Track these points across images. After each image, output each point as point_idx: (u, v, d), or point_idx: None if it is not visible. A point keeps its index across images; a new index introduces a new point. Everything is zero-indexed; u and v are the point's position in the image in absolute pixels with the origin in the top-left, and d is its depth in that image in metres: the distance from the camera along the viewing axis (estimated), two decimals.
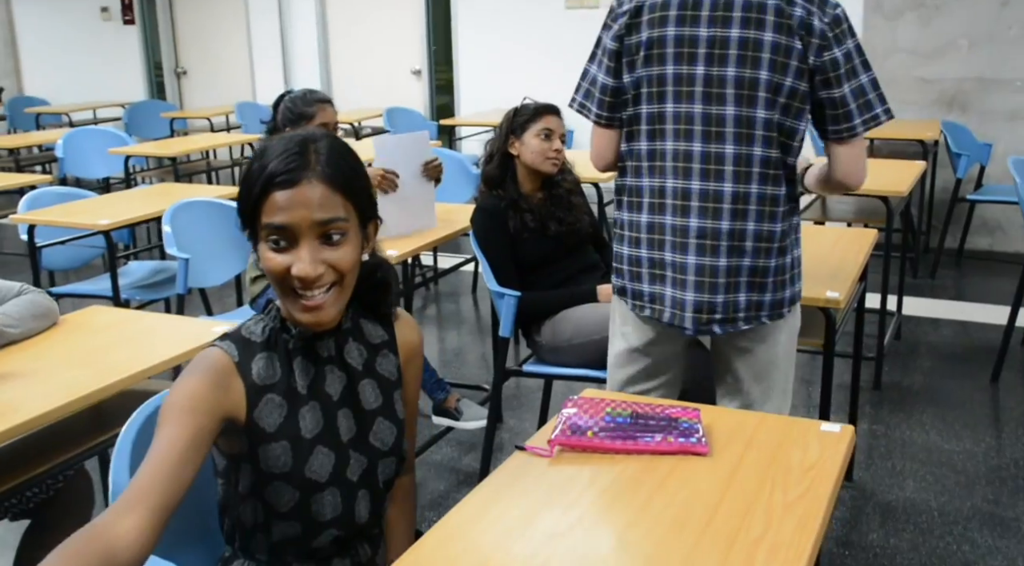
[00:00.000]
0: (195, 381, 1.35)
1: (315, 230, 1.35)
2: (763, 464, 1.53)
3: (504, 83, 7.39)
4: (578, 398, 1.69)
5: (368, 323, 1.55)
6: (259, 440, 1.40)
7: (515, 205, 3.03)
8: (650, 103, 2.11)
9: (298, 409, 1.43)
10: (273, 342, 1.44)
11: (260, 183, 1.35)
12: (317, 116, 3.30)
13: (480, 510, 1.44)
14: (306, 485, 1.42)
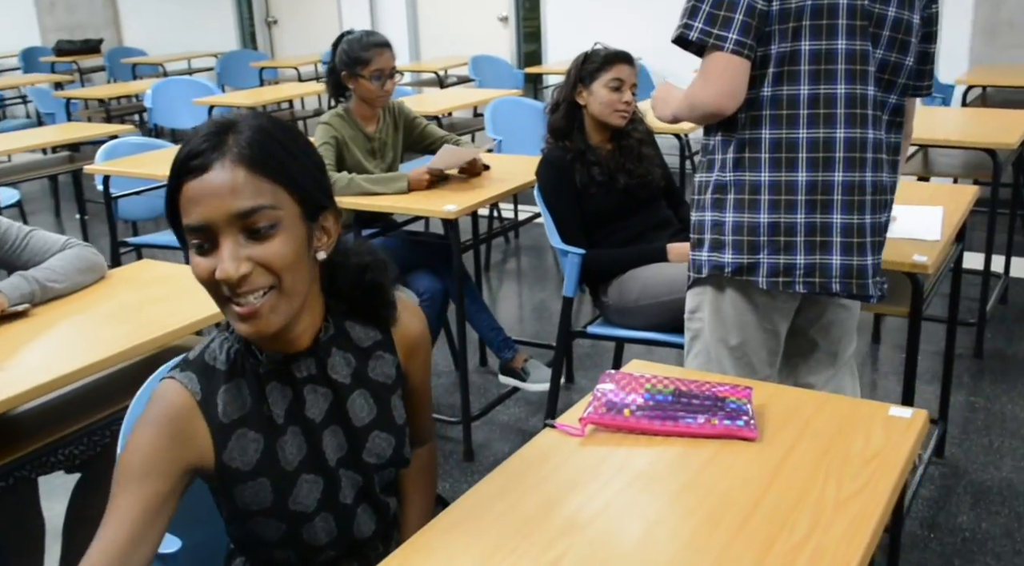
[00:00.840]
0: (148, 436, 1.19)
1: (235, 223, 1.13)
2: (818, 452, 1.37)
3: (593, 30, 7.12)
4: (616, 373, 1.55)
5: (356, 325, 1.37)
6: (233, 482, 1.26)
7: (582, 157, 2.87)
8: (815, 39, 1.85)
9: (276, 440, 1.27)
10: (239, 368, 1.27)
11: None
12: (373, 61, 3.18)
13: (499, 492, 1.32)
14: (292, 517, 1.29)
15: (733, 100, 1.88)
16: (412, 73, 7.52)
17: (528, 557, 1.16)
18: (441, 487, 2.92)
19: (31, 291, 2.09)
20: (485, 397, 3.50)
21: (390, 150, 3.39)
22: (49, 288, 2.12)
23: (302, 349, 1.29)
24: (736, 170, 1.96)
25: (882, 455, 1.35)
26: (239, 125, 1.17)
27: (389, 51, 3.25)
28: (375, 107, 3.30)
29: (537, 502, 1.28)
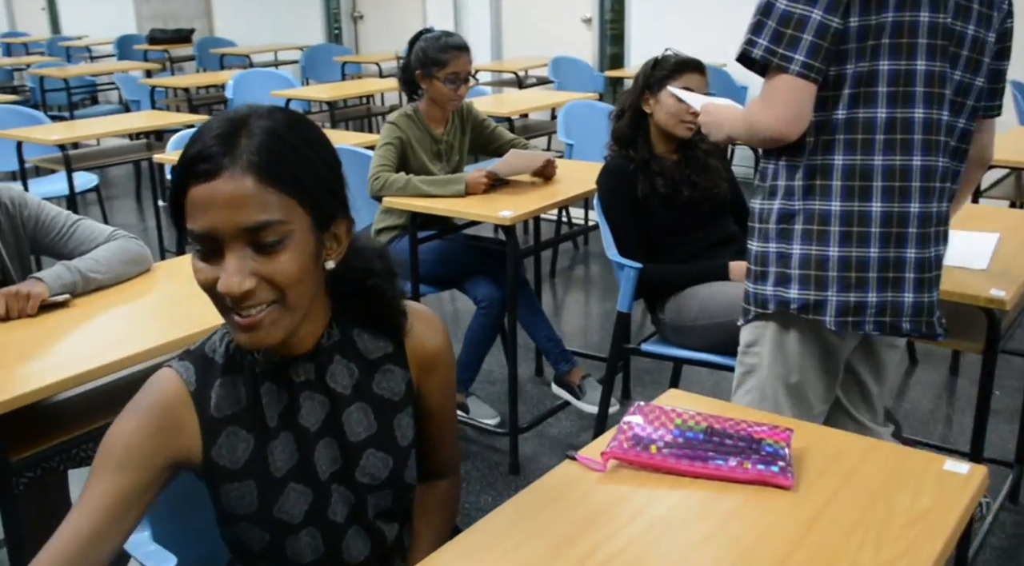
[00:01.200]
0: (134, 424, 1.15)
1: (242, 236, 1.08)
2: (859, 507, 1.25)
3: (679, 34, 6.98)
4: (646, 405, 1.45)
5: (365, 335, 1.30)
6: (219, 480, 1.21)
7: (645, 167, 2.76)
8: (894, 58, 1.71)
9: (267, 443, 1.23)
10: (237, 364, 1.22)
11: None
12: (450, 64, 3.12)
13: (510, 527, 1.24)
14: (277, 526, 1.23)
15: (796, 126, 1.75)
16: (492, 73, 7.48)
17: None
18: (483, 500, 2.86)
19: (73, 282, 2.08)
20: (538, 408, 3.42)
21: (456, 153, 3.33)
22: (91, 279, 2.11)
23: (302, 353, 1.24)
24: (806, 198, 1.81)
25: (930, 516, 1.23)
26: (251, 125, 1.10)
27: (467, 55, 3.18)
28: (446, 110, 3.25)
29: (546, 542, 1.20)
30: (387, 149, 3.12)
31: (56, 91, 7.56)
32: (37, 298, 2.00)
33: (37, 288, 2.01)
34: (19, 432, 1.81)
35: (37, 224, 2.14)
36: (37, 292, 2.00)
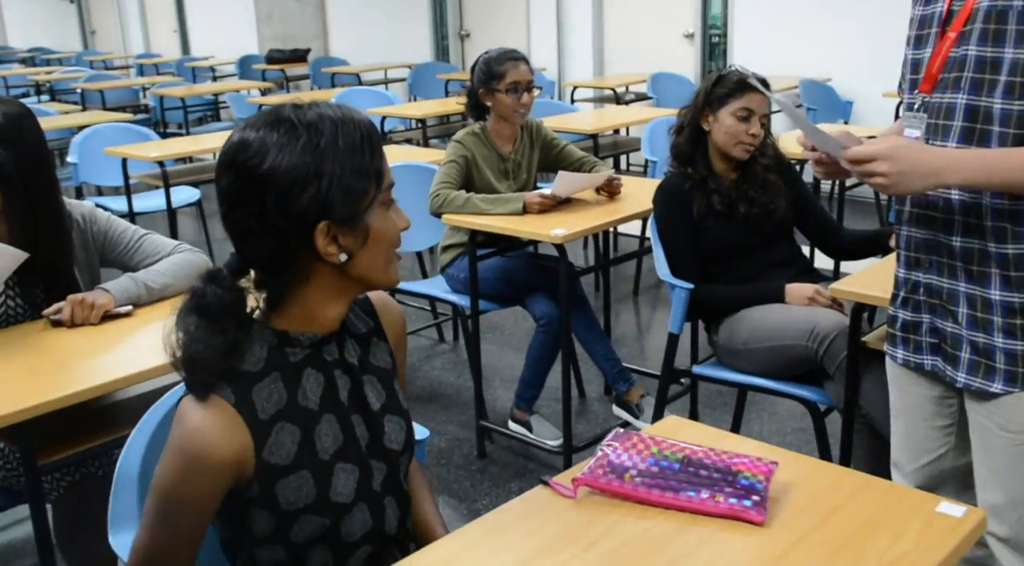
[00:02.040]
0: (184, 474, 1.20)
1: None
2: (832, 546, 1.19)
3: (782, 49, 6.82)
4: (624, 431, 1.41)
5: (352, 315, 1.39)
6: (275, 477, 1.25)
7: (703, 185, 2.71)
8: None
9: (312, 429, 1.29)
10: (274, 362, 1.27)
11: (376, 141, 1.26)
12: (508, 74, 3.15)
13: (469, 547, 1.24)
14: (334, 510, 1.29)
15: None
16: (594, 89, 7.48)
17: None
18: None
19: (137, 294, 2.18)
20: (603, 427, 3.38)
21: (524, 172, 3.34)
22: (155, 290, 2.21)
23: (330, 332, 1.32)
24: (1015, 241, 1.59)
25: (907, 559, 1.16)
26: None
27: (524, 65, 3.20)
28: (513, 122, 3.25)
29: (513, 561, 1.19)
30: (450, 167, 3.15)
31: (175, 110, 7.95)
32: (101, 308, 2.10)
33: (102, 299, 2.12)
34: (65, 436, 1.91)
35: (106, 239, 2.25)
36: (101, 303, 2.11)
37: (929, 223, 1.68)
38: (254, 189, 1.20)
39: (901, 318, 1.78)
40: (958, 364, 1.68)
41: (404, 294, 3.85)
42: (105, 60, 11.88)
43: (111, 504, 1.42)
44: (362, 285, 1.30)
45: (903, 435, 1.89)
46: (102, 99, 7.93)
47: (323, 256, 1.22)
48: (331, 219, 1.21)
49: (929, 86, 1.65)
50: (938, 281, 1.68)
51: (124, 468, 1.43)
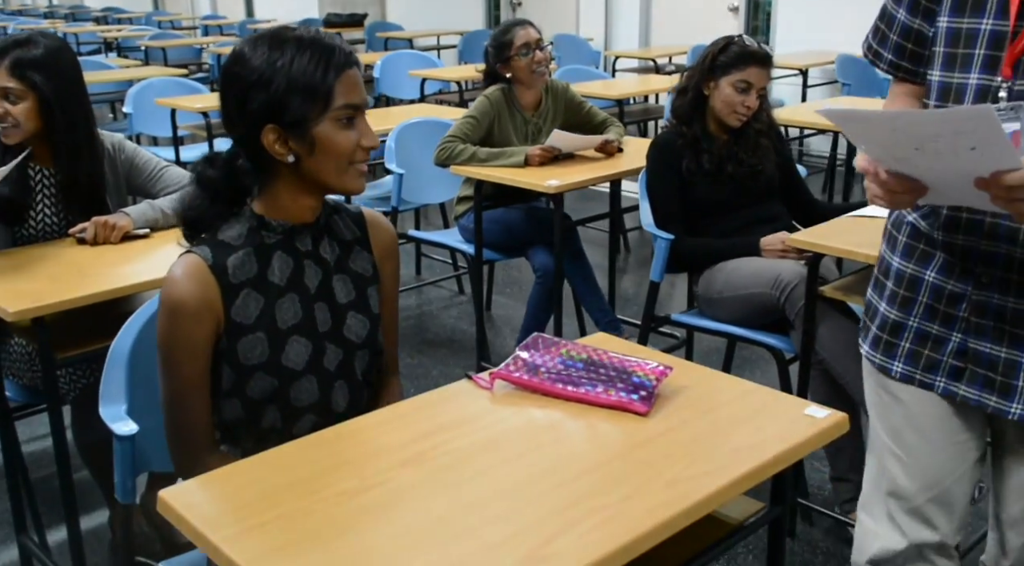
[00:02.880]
0: (175, 322, 1.45)
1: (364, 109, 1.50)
2: (698, 434, 1.37)
3: (825, 25, 6.84)
4: (540, 336, 1.60)
5: (340, 221, 1.62)
6: (237, 334, 1.49)
7: (695, 144, 2.85)
8: None
9: (275, 301, 1.52)
10: (251, 240, 1.52)
11: (334, 63, 1.44)
12: (516, 38, 3.34)
13: (385, 420, 1.46)
14: (283, 373, 1.52)
15: None
16: (638, 59, 7.59)
17: (364, 477, 1.27)
18: None
19: (155, 218, 2.43)
20: None
21: (544, 135, 3.47)
22: (170, 216, 2.45)
23: (304, 223, 1.55)
24: None
25: (760, 445, 1.33)
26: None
27: (530, 27, 3.37)
28: (534, 84, 3.41)
29: (407, 435, 1.38)
30: (467, 122, 3.33)
31: None
32: (121, 229, 2.35)
33: (122, 221, 2.37)
34: (84, 340, 2.16)
35: (132, 166, 2.51)
36: (121, 224, 2.36)
37: (999, 235, 1.42)
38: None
39: (916, 328, 1.53)
40: (1013, 394, 1.46)
41: (424, 243, 4.07)
42: (173, 20, 12.27)
43: (102, 381, 1.66)
44: (320, 187, 1.51)
45: (909, 459, 1.61)
46: (164, 56, 8.26)
47: (273, 155, 1.45)
48: (278, 123, 1.43)
49: (1011, 69, 1.35)
50: (1000, 299, 1.44)
51: (117, 350, 1.67)
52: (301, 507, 1.19)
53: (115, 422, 1.61)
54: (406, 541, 1.12)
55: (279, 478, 1.27)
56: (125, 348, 1.67)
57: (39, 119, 2.27)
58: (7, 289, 2.02)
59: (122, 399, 1.65)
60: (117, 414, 1.63)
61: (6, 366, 2.35)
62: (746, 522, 1.47)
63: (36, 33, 2.33)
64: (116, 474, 1.63)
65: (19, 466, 2.46)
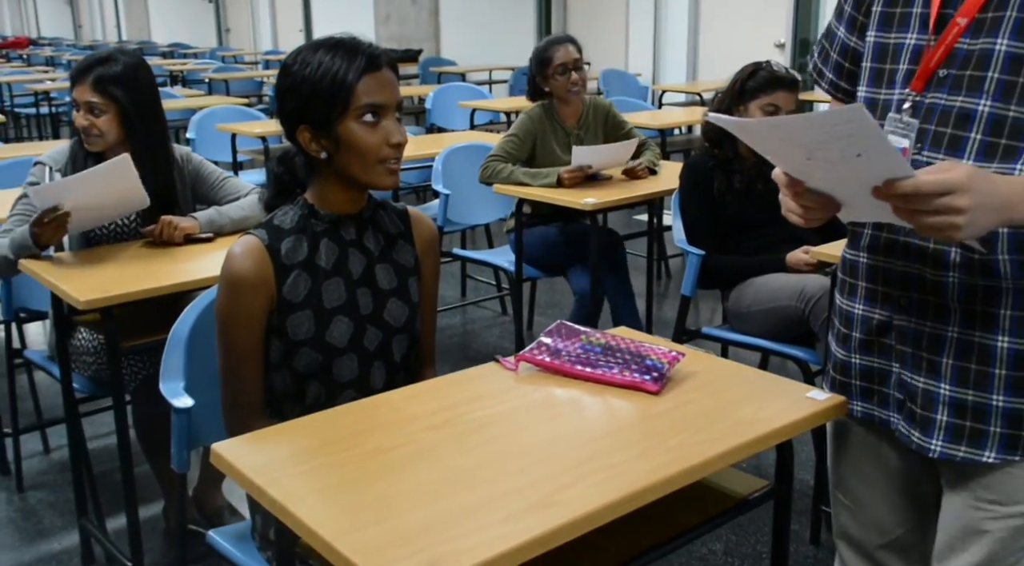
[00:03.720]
0: (235, 294, 1.61)
1: (395, 109, 1.63)
2: (705, 410, 1.48)
3: None
4: (559, 323, 1.73)
5: (386, 216, 1.78)
6: (287, 311, 1.65)
7: (726, 165, 2.97)
8: None
9: (321, 282, 1.67)
10: (302, 226, 1.68)
11: (356, 66, 1.56)
12: (555, 57, 3.49)
13: (418, 394, 1.59)
14: (327, 349, 1.67)
15: None
16: (685, 94, 7.74)
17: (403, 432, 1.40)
18: None
19: (220, 224, 2.61)
20: None
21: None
22: (234, 221, 2.64)
23: (350, 214, 1.70)
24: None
25: (760, 421, 1.43)
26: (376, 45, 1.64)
27: (571, 45, 3.52)
28: (569, 102, 3.57)
29: (439, 404, 1.52)
30: (509, 141, 3.49)
31: None
32: (183, 230, 2.54)
33: (187, 223, 2.56)
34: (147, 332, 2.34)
35: (198, 175, 2.71)
36: (185, 226, 2.55)
37: (912, 253, 1.37)
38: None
39: (859, 364, 1.48)
40: (931, 429, 1.38)
41: (468, 262, 4.22)
42: (236, 55, 12.74)
43: (163, 359, 1.82)
44: (355, 182, 1.65)
45: (856, 508, 1.59)
46: (226, 88, 8.60)
47: (309, 152, 1.61)
48: (309, 123, 1.60)
49: (923, 83, 1.33)
50: (917, 323, 1.38)
51: (177, 332, 1.83)
52: (337, 460, 1.33)
53: (174, 397, 1.76)
54: (429, 488, 1.24)
55: (317, 437, 1.41)
56: (184, 331, 1.83)
57: (120, 129, 2.49)
58: (80, 283, 2.20)
59: (180, 377, 1.81)
60: (176, 390, 1.79)
61: (73, 358, 2.53)
62: (750, 496, 1.57)
63: (116, 50, 2.56)
64: (173, 445, 1.78)
65: (83, 457, 2.63)
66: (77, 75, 2.48)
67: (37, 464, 3.15)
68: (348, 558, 1.09)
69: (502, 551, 1.10)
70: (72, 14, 20.54)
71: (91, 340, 2.51)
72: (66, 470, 3.05)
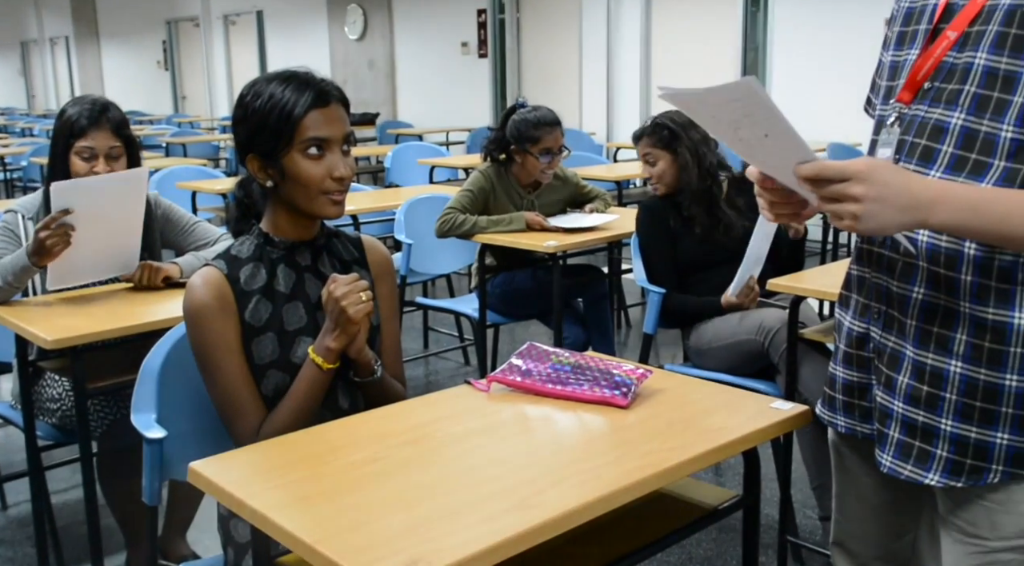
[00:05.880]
0: (204, 323, 1.63)
1: (342, 141, 1.65)
2: (673, 422, 1.52)
3: (814, 114, 7.16)
4: (530, 345, 1.77)
5: (339, 243, 1.81)
6: (251, 335, 1.67)
7: (675, 204, 3.06)
8: None
9: (281, 306, 1.70)
10: (258, 255, 1.71)
11: (296, 104, 1.59)
12: (543, 140, 3.47)
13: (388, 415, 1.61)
14: (293, 369, 1.68)
15: None
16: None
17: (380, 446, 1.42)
18: None
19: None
20: None
21: (541, 209, 3.59)
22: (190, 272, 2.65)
23: (305, 240, 1.73)
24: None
25: (726, 430, 1.48)
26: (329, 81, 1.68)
27: (559, 129, 3.52)
28: (538, 180, 3.55)
29: (413, 422, 1.54)
30: (465, 195, 3.53)
31: None
32: (163, 273, 2.55)
33: (169, 268, 2.58)
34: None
35: (167, 220, 2.73)
36: (166, 270, 2.56)
37: (884, 264, 1.37)
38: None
39: (841, 378, 1.46)
40: (885, 443, 1.38)
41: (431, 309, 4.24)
42: (193, 122, 12.78)
43: (135, 391, 1.82)
44: (302, 211, 1.68)
45: (848, 520, 1.58)
46: (184, 152, 8.63)
47: (258, 179, 1.67)
48: (257, 153, 1.64)
49: (910, 95, 1.33)
50: (882, 337, 1.38)
51: (149, 364, 1.83)
52: (314, 474, 1.35)
53: (146, 428, 1.76)
54: (407, 495, 1.27)
55: (293, 453, 1.43)
56: (156, 364, 1.83)
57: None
58: (49, 324, 2.21)
59: (152, 408, 1.81)
60: (148, 421, 1.78)
61: (36, 406, 2.51)
62: (720, 506, 1.61)
63: (98, 97, 2.59)
64: (144, 477, 1.77)
65: (46, 507, 2.59)
66: (90, 124, 2.48)
67: None
68: (332, 560, 1.11)
69: (483, 548, 1.12)
70: (25, 85, 20.52)
71: (55, 386, 2.49)
72: (24, 526, 2.99)
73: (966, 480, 1.31)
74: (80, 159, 2.49)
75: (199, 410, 1.71)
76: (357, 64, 11.61)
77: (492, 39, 10.02)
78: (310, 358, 1.65)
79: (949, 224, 1.20)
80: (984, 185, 1.24)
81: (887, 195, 1.15)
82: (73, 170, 2.49)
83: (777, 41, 7.46)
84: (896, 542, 1.54)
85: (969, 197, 1.20)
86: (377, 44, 11.29)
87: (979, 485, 1.31)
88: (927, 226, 1.22)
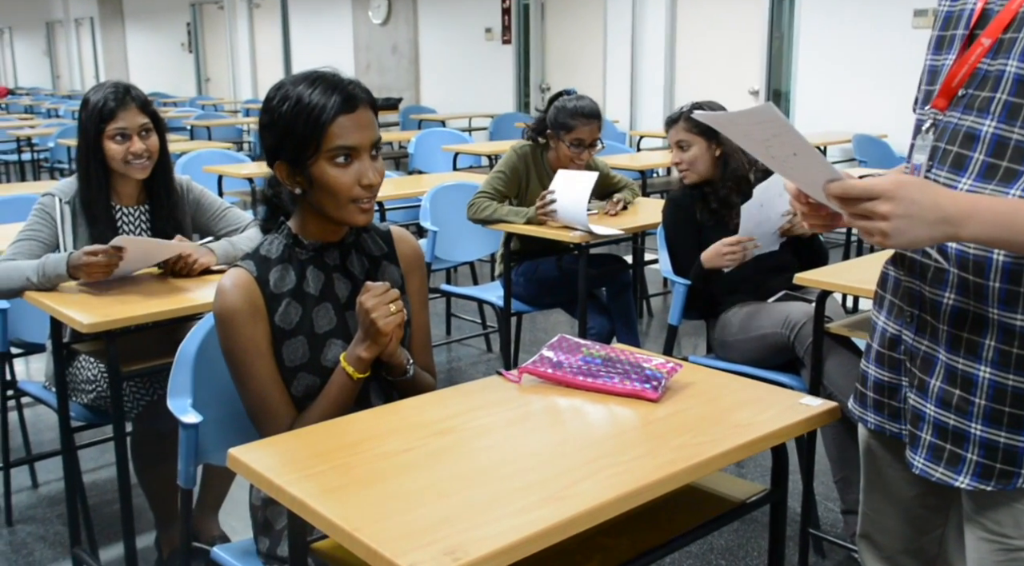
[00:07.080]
0: (235, 326, 1.63)
1: (370, 148, 1.63)
2: (703, 416, 1.54)
3: (842, 105, 7.13)
4: (561, 338, 1.78)
5: (369, 239, 1.81)
6: (282, 338, 1.69)
7: (703, 195, 3.07)
8: None
9: (311, 309, 1.71)
10: (287, 256, 1.72)
11: (328, 110, 1.57)
12: (576, 130, 3.47)
13: (424, 404, 1.64)
14: (324, 372, 1.70)
15: None
16: (661, 138, 7.89)
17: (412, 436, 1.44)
18: None
19: (235, 256, 2.64)
20: None
21: None
22: (228, 255, 2.67)
23: (335, 241, 1.74)
24: None
25: (755, 425, 1.49)
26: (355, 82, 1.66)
27: (595, 122, 3.49)
28: (566, 168, 3.56)
29: (446, 412, 1.57)
30: (496, 177, 3.54)
31: None
32: (201, 265, 2.57)
33: (206, 258, 2.59)
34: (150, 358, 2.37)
35: (198, 205, 2.76)
36: (203, 260, 2.58)
37: (916, 269, 1.39)
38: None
39: (873, 376, 1.50)
40: (917, 445, 1.41)
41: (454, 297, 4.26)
42: (216, 104, 12.84)
43: (171, 376, 1.85)
44: (331, 218, 1.67)
45: (875, 515, 1.61)
46: (208, 135, 8.68)
47: (286, 185, 1.67)
48: (285, 160, 1.64)
49: (945, 102, 1.34)
50: (915, 341, 1.40)
51: (185, 350, 1.86)
52: (348, 462, 1.37)
53: (182, 413, 1.80)
54: (443, 486, 1.29)
55: (330, 443, 1.45)
56: (192, 349, 1.86)
57: (159, 150, 2.54)
58: (85, 307, 2.24)
59: (188, 393, 1.84)
60: (183, 406, 1.82)
61: (71, 387, 2.55)
62: (748, 500, 1.62)
63: (117, 81, 2.61)
64: (180, 461, 1.81)
65: (78, 485, 2.64)
66: (118, 105, 2.49)
67: (26, 499, 3.14)
68: (371, 547, 1.13)
69: (518, 539, 1.14)
70: (51, 65, 20.66)
71: (90, 367, 2.53)
72: (55, 504, 3.05)
73: (995, 483, 1.33)
74: (114, 143, 2.50)
75: (233, 396, 1.73)
76: (380, 49, 11.62)
77: (516, 25, 10.00)
78: (341, 366, 1.66)
79: (980, 237, 1.21)
80: (1013, 193, 1.25)
81: (915, 212, 1.17)
82: (108, 155, 2.51)
83: (803, 31, 7.41)
84: (923, 537, 1.56)
85: (998, 210, 1.20)
86: (401, 29, 11.29)
87: (1008, 489, 1.33)
88: (958, 239, 1.23)
